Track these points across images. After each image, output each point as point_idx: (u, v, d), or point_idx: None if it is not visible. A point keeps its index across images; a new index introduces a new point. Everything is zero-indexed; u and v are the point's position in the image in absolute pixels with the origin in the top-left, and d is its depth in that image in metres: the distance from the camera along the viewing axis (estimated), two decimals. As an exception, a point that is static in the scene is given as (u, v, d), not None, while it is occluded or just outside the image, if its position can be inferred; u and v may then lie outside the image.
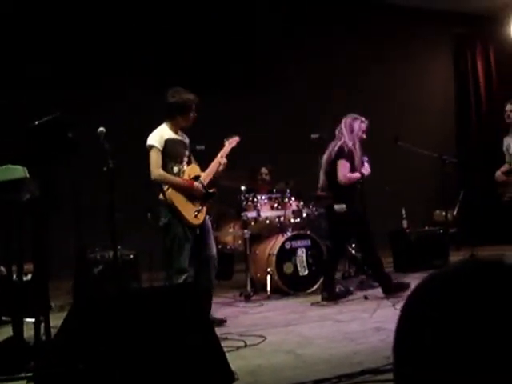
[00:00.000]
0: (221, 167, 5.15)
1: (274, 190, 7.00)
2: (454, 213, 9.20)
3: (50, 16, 7.99)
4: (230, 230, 6.99)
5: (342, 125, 5.93)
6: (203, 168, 5.13)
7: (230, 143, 5.26)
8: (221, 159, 5.14)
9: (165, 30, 8.58)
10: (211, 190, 5.04)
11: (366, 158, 6.00)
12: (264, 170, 7.46)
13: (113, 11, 8.36)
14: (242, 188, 6.71)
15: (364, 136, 5.96)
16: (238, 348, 4.13)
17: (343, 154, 5.83)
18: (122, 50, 8.34)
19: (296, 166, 7.41)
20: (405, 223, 8.28)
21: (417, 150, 6.94)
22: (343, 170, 5.82)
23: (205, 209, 5.01)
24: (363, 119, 5.99)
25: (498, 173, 6.80)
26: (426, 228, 8.33)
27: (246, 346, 4.19)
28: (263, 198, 6.76)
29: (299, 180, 6.89)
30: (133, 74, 8.28)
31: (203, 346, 3.09)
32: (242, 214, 6.56)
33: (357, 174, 5.89)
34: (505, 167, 6.76)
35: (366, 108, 8.92)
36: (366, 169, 5.97)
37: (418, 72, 10.65)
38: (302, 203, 6.87)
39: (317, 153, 6.20)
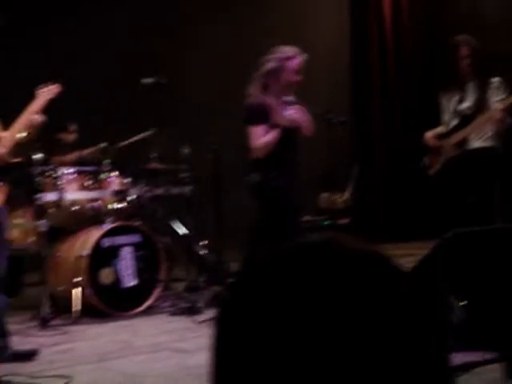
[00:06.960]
0: (32, 128, 4.00)
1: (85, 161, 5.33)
2: (344, 197, 6.48)
3: None
4: (18, 221, 5.04)
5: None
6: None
7: (44, 94, 4.09)
8: (31, 116, 3.94)
9: None
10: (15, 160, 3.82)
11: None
12: (69, 129, 5.55)
13: None
14: (35, 156, 4.81)
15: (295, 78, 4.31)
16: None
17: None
18: None
19: (119, 127, 5.46)
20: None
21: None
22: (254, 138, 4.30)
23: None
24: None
25: (430, 134, 5.25)
26: (308, 218, 5.90)
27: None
28: (68, 171, 5.05)
29: (124, 146, 5.03)
30: None
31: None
32: (36, 197, 4.81)
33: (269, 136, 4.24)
34: (440, 129, 5.24)
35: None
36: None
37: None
38: (128, 180, 5.14)
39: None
